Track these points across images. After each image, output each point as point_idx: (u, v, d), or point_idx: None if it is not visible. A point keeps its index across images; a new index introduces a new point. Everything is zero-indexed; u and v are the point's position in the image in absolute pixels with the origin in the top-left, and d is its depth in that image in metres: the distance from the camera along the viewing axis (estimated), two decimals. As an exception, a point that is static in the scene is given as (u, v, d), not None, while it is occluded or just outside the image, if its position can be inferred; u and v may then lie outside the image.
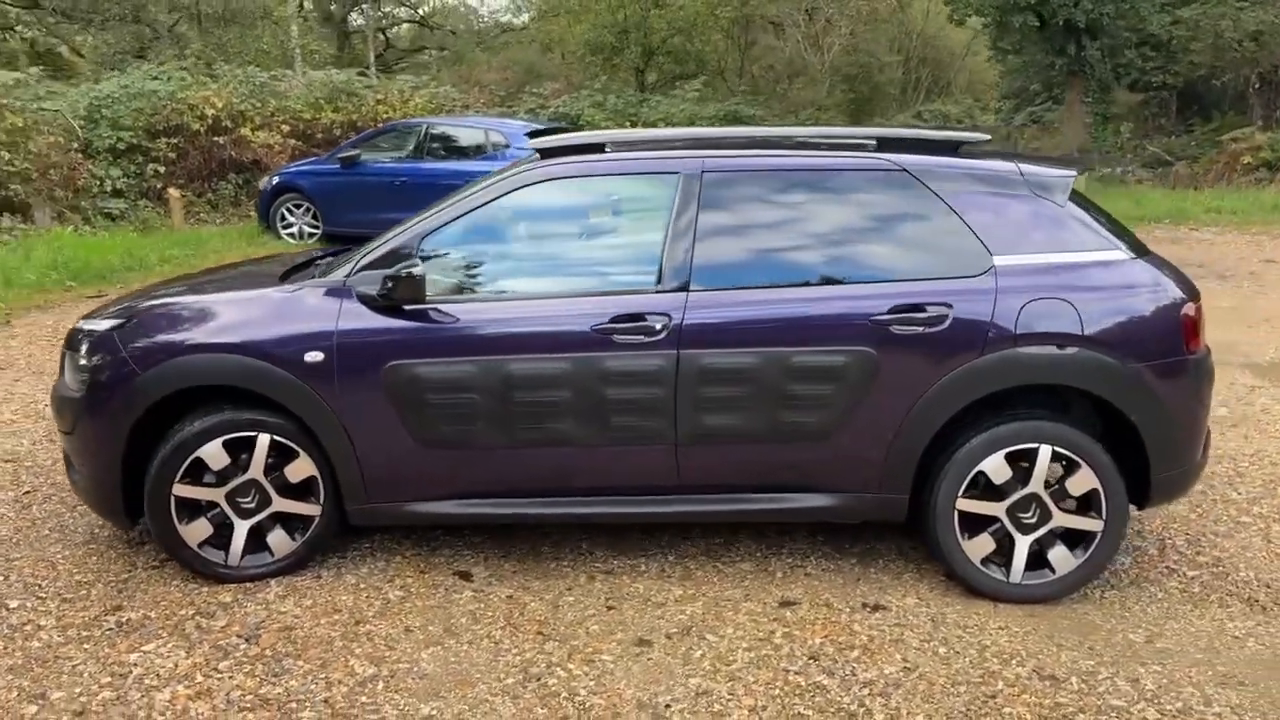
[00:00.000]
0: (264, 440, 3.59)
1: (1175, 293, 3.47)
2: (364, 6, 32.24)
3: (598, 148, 3.72)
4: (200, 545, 3.63)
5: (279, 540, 3.70)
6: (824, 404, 3.45)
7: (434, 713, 2.92)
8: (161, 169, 14.00)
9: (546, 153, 3.73)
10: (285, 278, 3.78)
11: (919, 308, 3.42)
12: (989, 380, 3.43)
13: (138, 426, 3.57)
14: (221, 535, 3.66)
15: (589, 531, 4.11)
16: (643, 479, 3.60)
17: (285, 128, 15.11)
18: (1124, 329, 3.42)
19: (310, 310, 3.55)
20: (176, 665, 3.14)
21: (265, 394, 3.52)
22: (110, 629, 3.37)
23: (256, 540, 3.68)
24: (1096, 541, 3.52)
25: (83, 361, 3.65)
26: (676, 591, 3.66)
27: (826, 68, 32.17)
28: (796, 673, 3.12)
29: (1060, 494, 3.50)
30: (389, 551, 3.96)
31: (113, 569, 3.79)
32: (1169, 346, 3.44)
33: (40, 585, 3.67)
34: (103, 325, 3.70)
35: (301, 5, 30.45)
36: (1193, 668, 3.17)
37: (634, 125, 18.12)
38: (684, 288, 3.48)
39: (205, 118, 14.20)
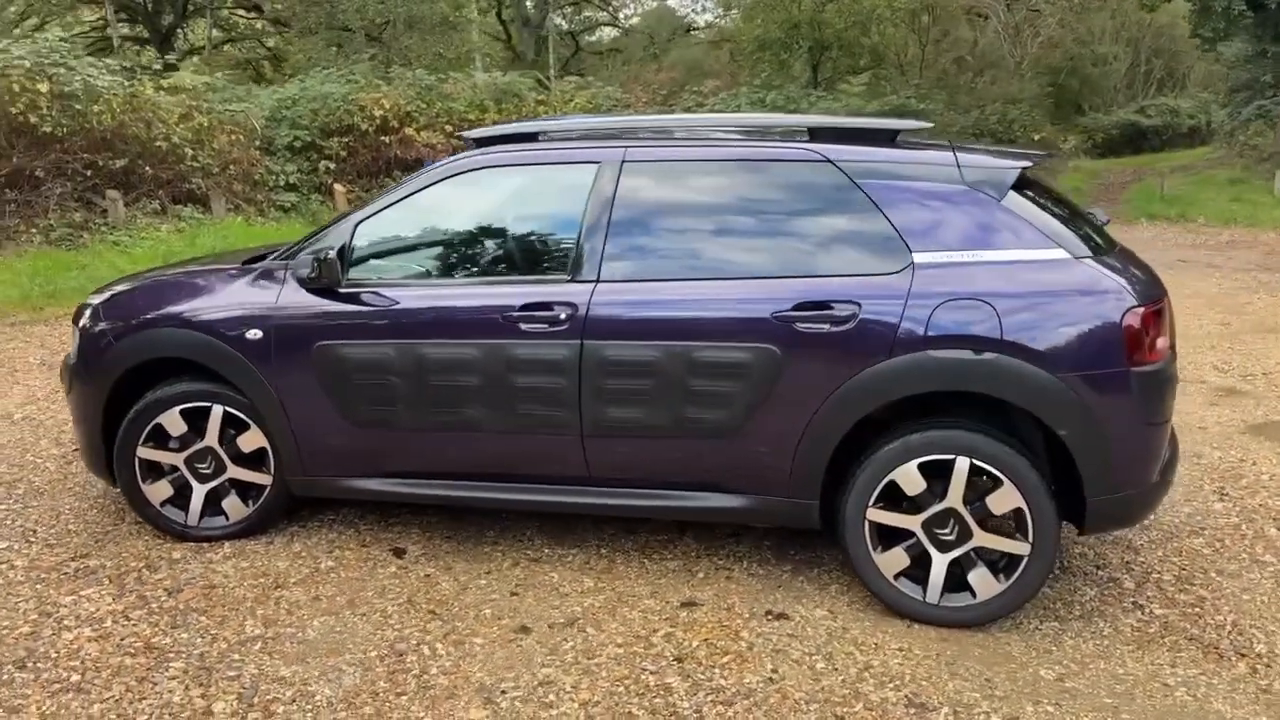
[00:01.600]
0: (217, 411, 3.85)
1: (1120, 298, 3.11)
2: (565, 9, 33.39)
3: (531, 137, 3.75)
4: (162, 505, 3.94)
5: (233, 505, 3.96)
6: (728, 401, 3.33)
7: (288, 675, 3.05)
8: (333, 165, 15.08)
9: (482, 141, 3.79)
10: (250, 262, 4.02)
11: (826, 305, 3.25)
12: (898, 384, 3.21)
13: (116, 392, 3.91)
14: (183, 497, 3.95)
15: (541, 519, 4.14)
16: (553, 468, 3.60)
17: (449, 128, 15.89)
18: (1052, 335, 3.11)
19: (255, 291, 3.77)
20: (98, 609, 3.44)
21: (214, 368, 3.78)
22: (67, 573, 3.72)
23: (214, 504, 3.96)
24: (1023, 566, 3.22)
25: (79, 331, 4.05)
26: (588, 583, 3.64)
27: (1028, 60, 30.48)
28: (652, 673, 3.05)
29: (982, 511, 3.23)
30: (346, 524, 4.15)
31: (103, 522, 4.17)
32: (1106, 356, 3.09)
33: (36, 530, 4.10)
34: (97, 299, 4.08)
35: (500, 11, 31.93)
36: (1091, 713, 2.85)
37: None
38: (594, 278, 3.45)
39: (374, 118, 15.17)
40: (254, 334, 3.71)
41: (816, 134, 3.49)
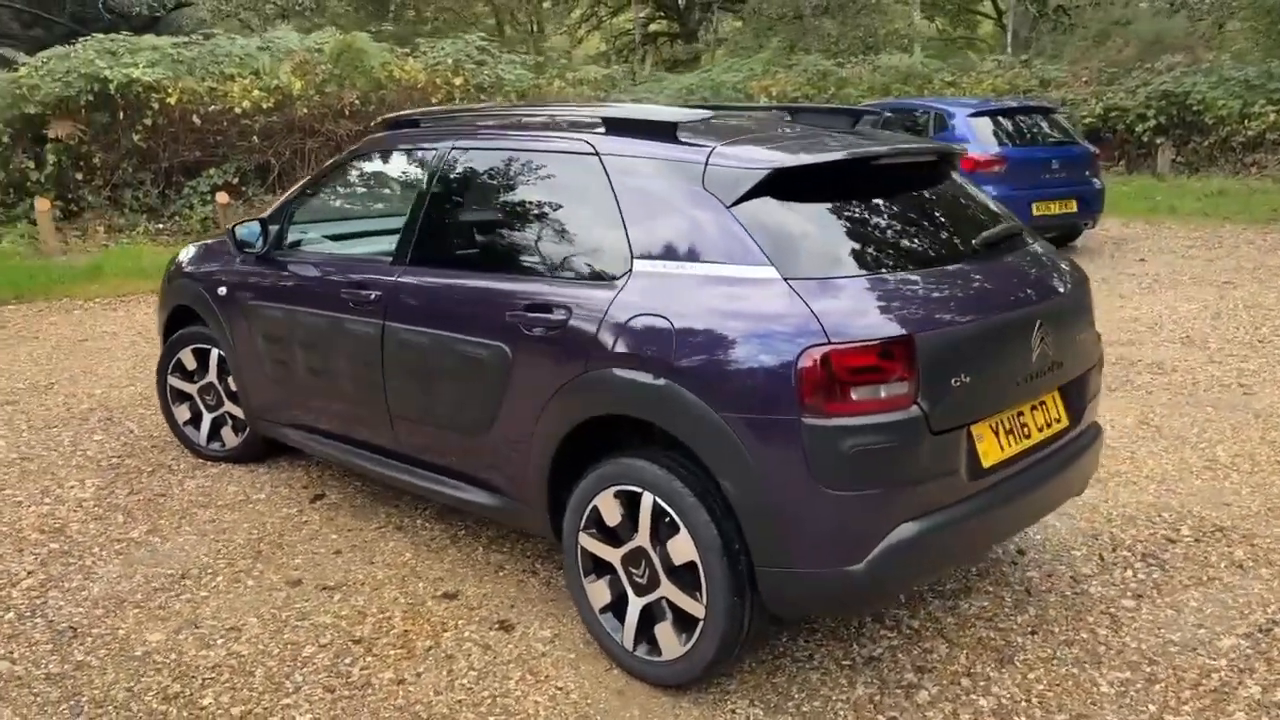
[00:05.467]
0: (215, 353, 4.60)
1: (801, 333, 2.47)
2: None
3: (414, 123, 3.90)
4: (184, 425, 4.81)
5: (228, 434, 4.70)
6: (473, 397, 3.27)
7: (100, 573, 3.65)
8: (719, 149, 15.72)
9: (388, 125, 4.03)
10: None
11: (548, 308, 3.03)
12: (589, 401, 2.91)
13: (170, 328, 4.84)
14: (199, 420, 4.79)
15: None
16: (378, 440, 3.78)
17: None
18: (718, 365, 2.59)
19: (231, 252, 4.42)
20: (74, 495, 4.36)
21: (203, 316, 4.52)
22: (101, 465, 4.72)
23: (217, 431, 4.73)
24: (698, 630, 2.75)
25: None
26: (405, 557, 3.77)
27: None
28: (320, 646, 3.15)
29: (667, 558, 2.81)
30: (316, 467, 4.66)
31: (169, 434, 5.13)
32: (774, 400, 2.50)
33: (134, 430, 5.20)
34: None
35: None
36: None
37: (1268, 105, 14.69)
38: (404, 263, 3.56)
39: (761, 104, 15.52)
40: (222, 290, 4.37)
41: (610, 125, 3.20)
